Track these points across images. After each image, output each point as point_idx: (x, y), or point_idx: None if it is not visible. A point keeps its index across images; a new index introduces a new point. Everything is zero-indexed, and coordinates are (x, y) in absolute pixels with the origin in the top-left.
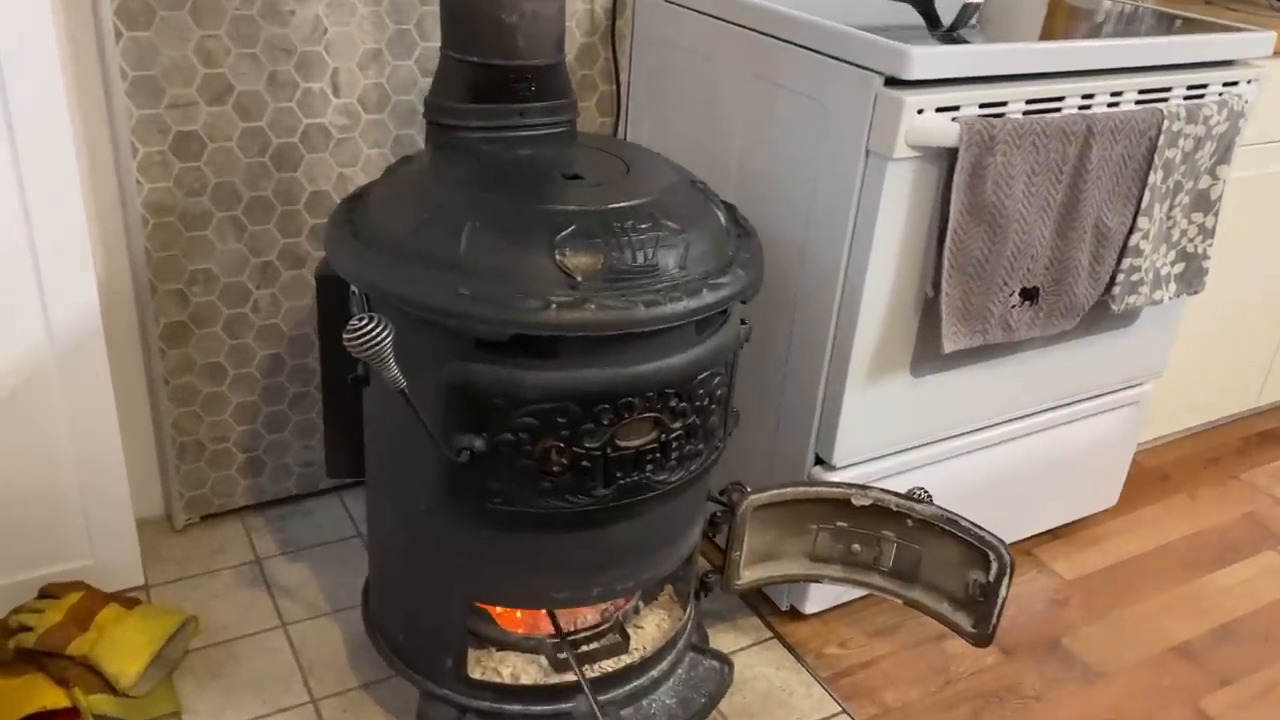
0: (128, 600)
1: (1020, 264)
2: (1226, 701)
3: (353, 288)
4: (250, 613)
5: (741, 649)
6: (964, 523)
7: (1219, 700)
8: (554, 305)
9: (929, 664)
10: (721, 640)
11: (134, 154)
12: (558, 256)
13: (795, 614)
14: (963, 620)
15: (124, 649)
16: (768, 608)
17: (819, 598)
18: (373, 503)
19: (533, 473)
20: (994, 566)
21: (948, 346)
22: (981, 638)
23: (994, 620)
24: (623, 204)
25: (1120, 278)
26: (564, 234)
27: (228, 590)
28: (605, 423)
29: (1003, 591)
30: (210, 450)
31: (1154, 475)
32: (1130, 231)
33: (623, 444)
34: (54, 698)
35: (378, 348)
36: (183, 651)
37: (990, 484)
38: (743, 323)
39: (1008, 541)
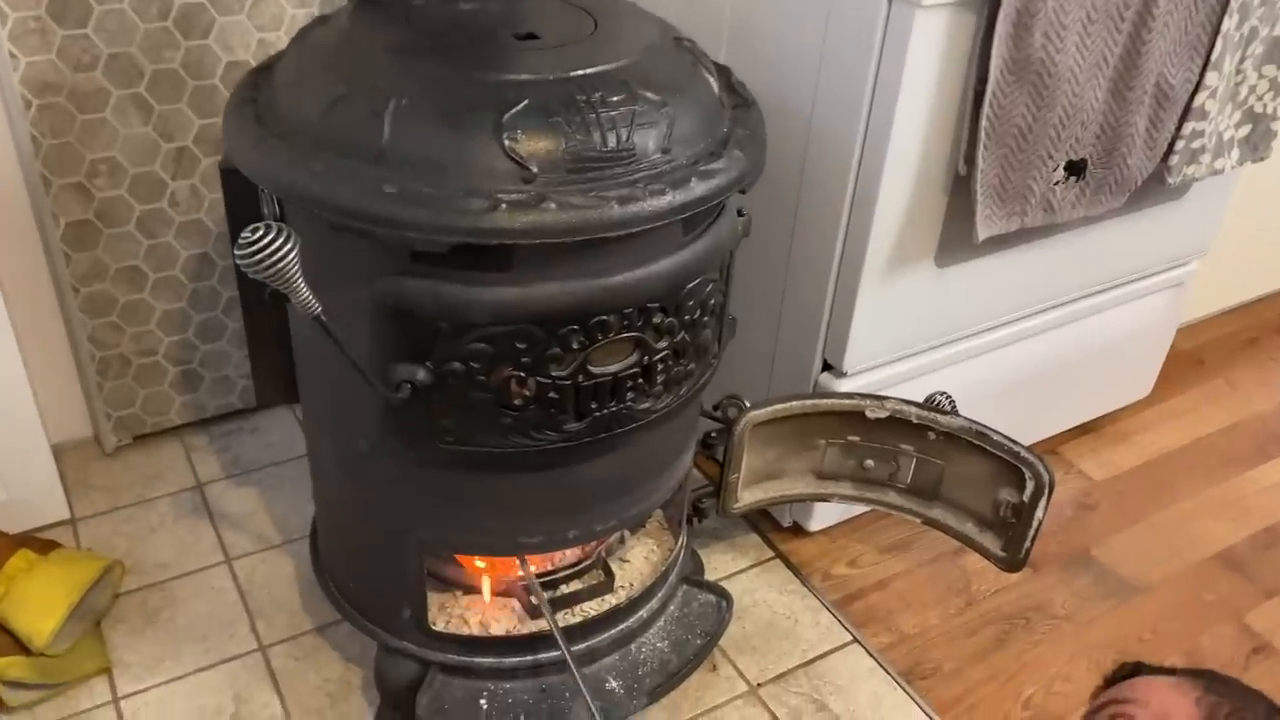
0: (43, 544)
1: (1069, 132)
2: (1273, 615)
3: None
4: (191, 547)
5: (740, 571)
6: (996, 436)
7: (1266, 614)
8: (503, 205)
9: (948, 583)
10: (718, 562)
11: (3, 21)
12: (507, 141)
13: (799, 531)
14: (990, 542)
15: (36, 604)
16: (769, 524)
17: (825, 514)
18: (309, 437)
19: (490, 407)
20: (1029, 485)
21: (982, 232)
22: (1012, 562)
23: (1028, 544)
24: (589, 70)
25: (1180, 145)
26: (514, 111)
27: (165, 521)
28: (575, 346)
29: (1039, 513)
30: (136, 365)
31: (1188, 360)
32: (1196, 90)
33: (597, 370)
34: None
35: (278, 267)
36: (111, 598)
37: (1015, 381)
38: (740, 214)
39: (1031, 441)
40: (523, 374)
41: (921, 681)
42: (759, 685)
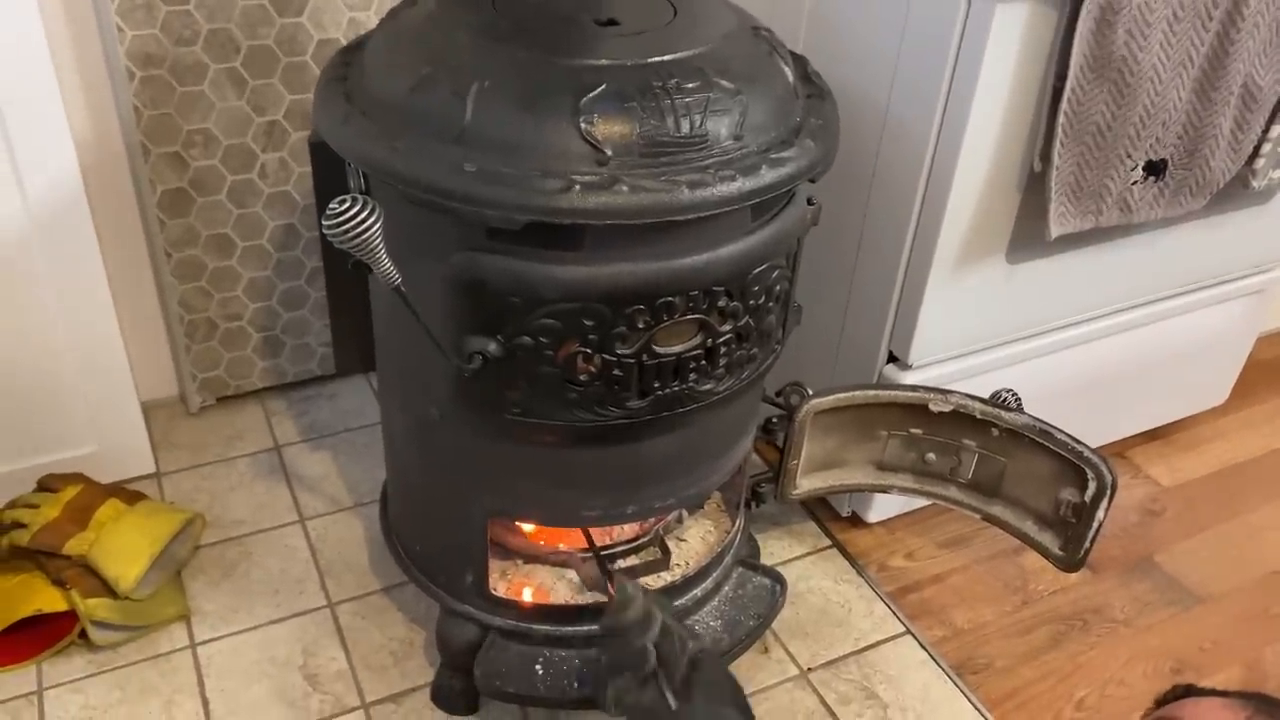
0: (130, 495)
1: (1149, 131)
2: None
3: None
4: (267, 506)
5: (797, 558)
6: (1060, 435)
7: None
8: (578, 186)
9: (1004, 581)
10: (774, 548)
11: None
12: (583, 124)
13: (857, 521)
14: (1049, 541)
15: (123, 550)
16: (827, 513)
17: (884, 505)
18: (384, 404)
19: (556, 381)
20: (1091, 485)
21: (1055, 230)
22: (1071, 562)
23: (1087, 545)
24: (666, 57)
25: (1266, 148)
26: (591, 96)
27: (244, 480)
28: (640, 326)
29: (1100, 514)
30: (223, 329)
31: (1269, 369)
32: None
33: (661, 350)
34: (50, 600)
35: (362, 238)
36: (191, 549)
37: (1085, 382)
38: (810, 202)
39: (1099, 444)
40: (589, 351)
41: (973, 676)
42: (809, 670)
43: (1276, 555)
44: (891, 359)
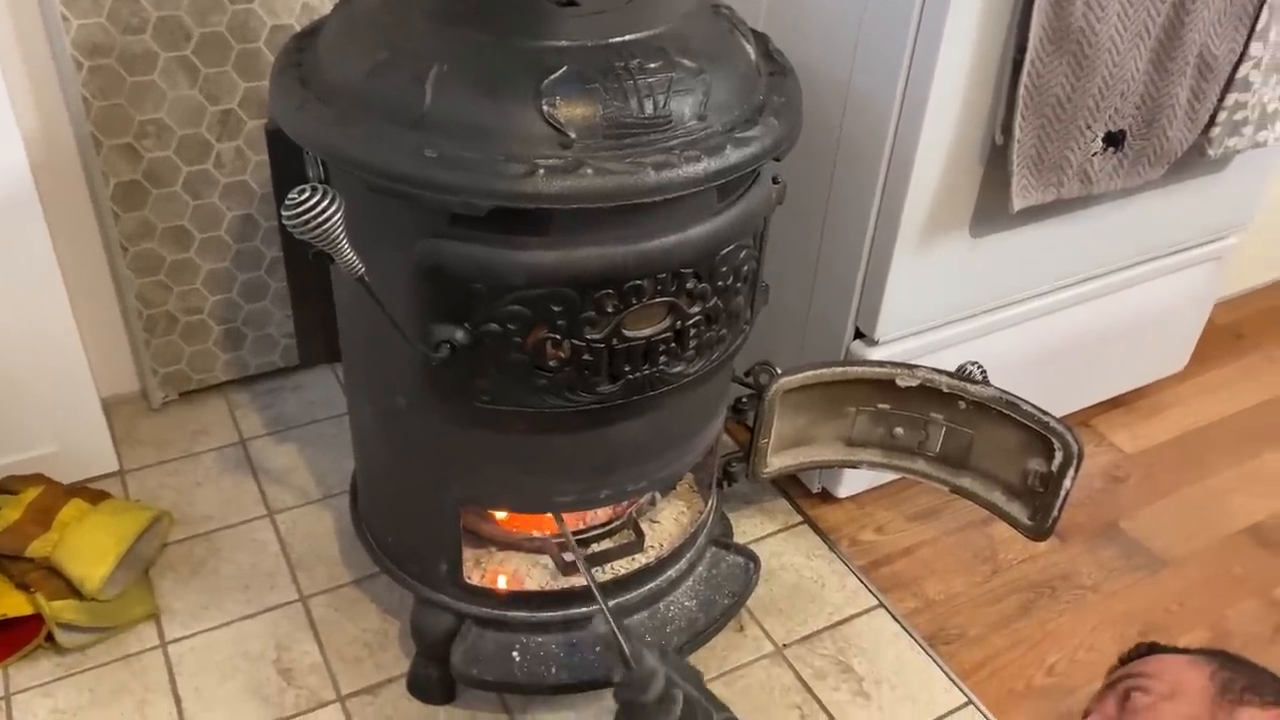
0: (94, 494)
1: (1108, 103)
2: None
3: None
4: (235, 500)
5: (768, 535)
6: (1026, 406)
7: None
8: (542, 170)
9: (974, 551)
10: (746, 526)
11: None
12: (545, 107)
13: (827, 497)
14: (1018, 511)
15: (88, 550)
16: (797, 490)
17: (853, 480)
18: (350, 395)
19: (525, 368)
20: (1058, 455)
21: (1018, 203)
22: (1039, 531)
23: (1055, 513)
24: (627, 37)
25: (1222, 116)
26: (553, 78)
27: (210, 475)
28: (609, 310)
29: (1067, 483)
30: (183, 322)
31: (1227, 334)
32: (1240, 60)
33: (631, 334)
34: (15, 604)
35: (323, 228)
36: (159, 547)
37: (1048, 353)
38: (775, 181)
39: (1064, 413)
40: (558, 336)
41: (945, 646)
42: (785, 646)
43: (1238, 517)
44: (858, 335)
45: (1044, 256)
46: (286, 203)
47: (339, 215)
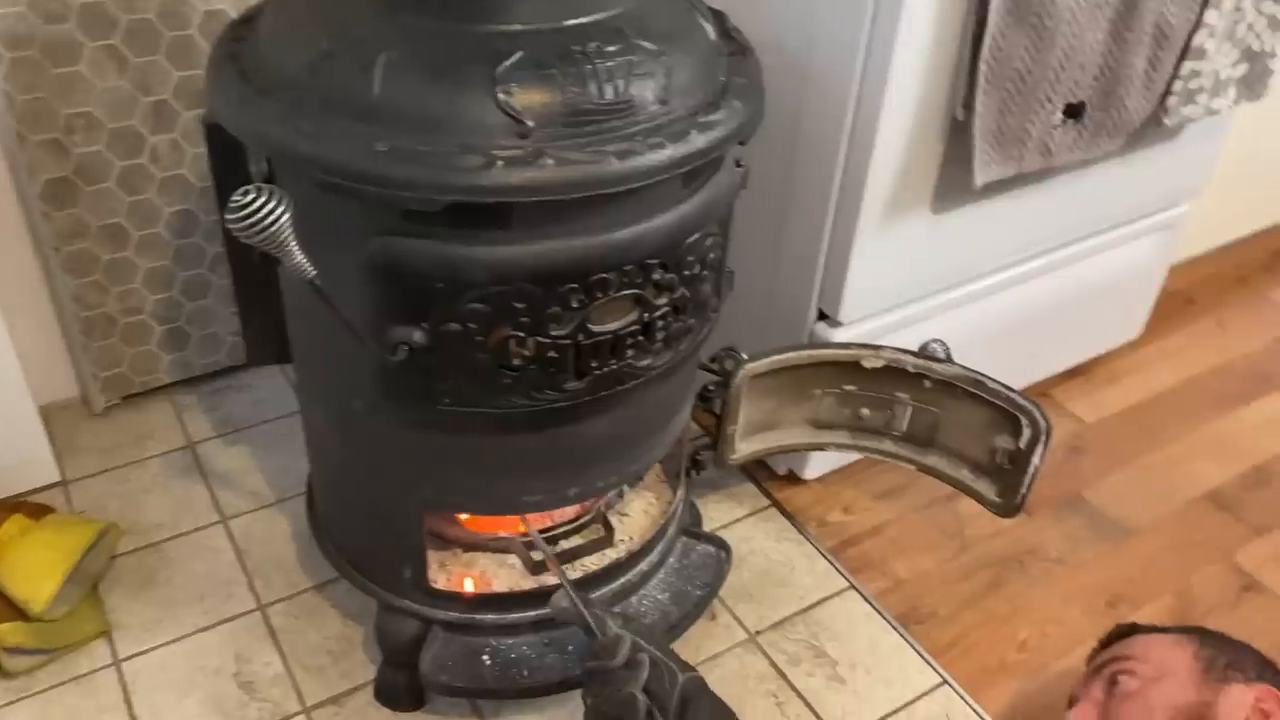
0: (35, 508)
1: (1068, 74)
2: (1262, 553)
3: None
4: (186, 507)
5: (737, 520)
6: (992, 384)
7: (1254, 552)
8: (500, 162)
9: (941, 528)
10: (714, 512)
11: None
12: (501, 95)
13: (794, 478)
14: (986, 488)
15: (33, 569)
16: (763, 473)
17: (820, 461)
18: (303, 398)
19: (488, 368)
20: (1026, 432)
21: (980, 178)
22: (1008, 508)
23: (1024, 490)
24: (583, 19)
25: (1178, 86)
26: (508, 64)
27: (158, 482)
28: (574, 305)
29: (1036, 460)
30: (122, 324)
31: (1178, 300)
32: (1195, 28)
33: (597, 329)
34: None
35: (271, 231)
36: (107, 560)
37: (1007, 326)
38: (738, 164)
39: (1023, 385)
40: (521, 334)
41: (917, 626)
42: (758, 633)
43: (1197, 483)
44: (821, 317)
45: (1003, 231)
46: (230, 206)
47: (287, 217)
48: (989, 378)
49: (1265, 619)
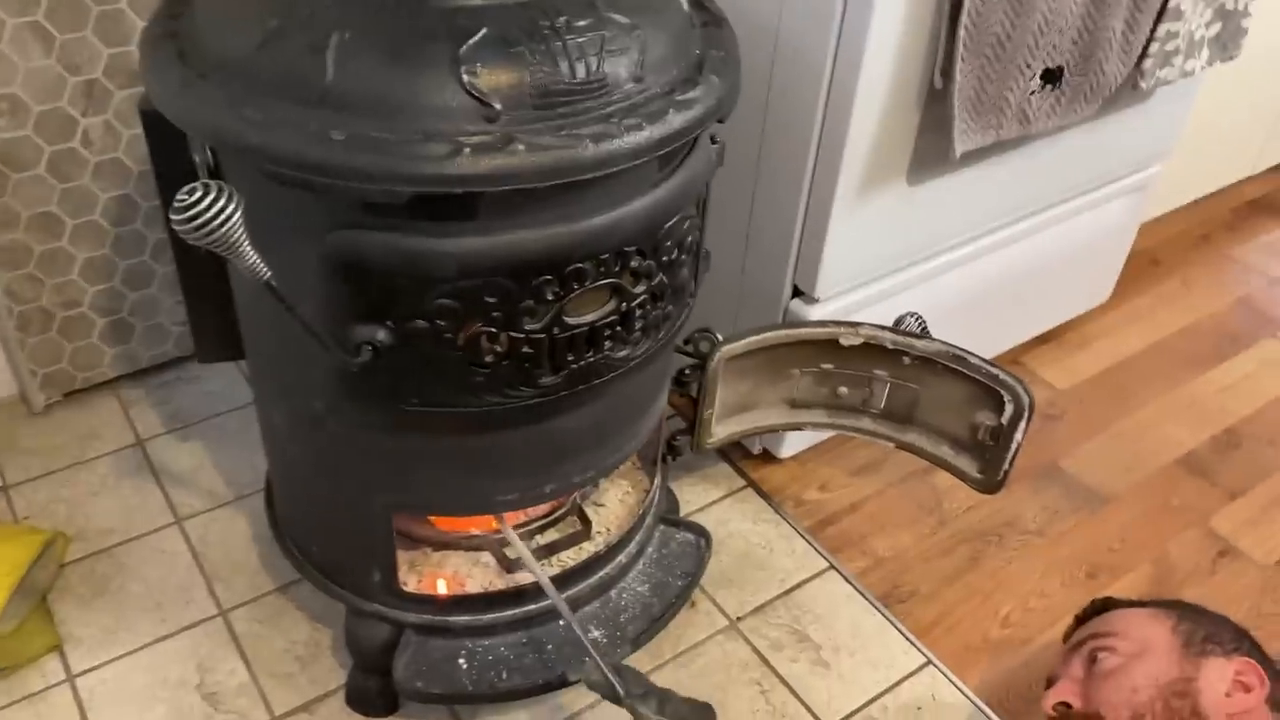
0: None
1: (1047, 39)
2: (1238, 518)
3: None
4: (137, 509)
5: (713, 503)
6: (973, 359)
7: (1229, 517)
8: (467, 149)
9: (919, 503)
10: (690, 494)
11: None
12: (466, 76)
13: (769, 457)
14: (967, 465)
15: None
16: (738, 453)
17: (794, 439)
18: (259, 397)
19: (459, 366)
20: (1008, 408)
21: (959, 147)
22: (990, 484)
23: (1006, 466)
24: None
25: (1154, 48)
26: (472, 42)
27: (107, 483)
28: (549, 297)
29: (1018, 436)
30: (60, 317)
31: (1144, 260)
32: None
33: (573, 321)
34: None
35: (221, 232)
36: (55, 570)
37: (980, 295)
38: (714, 141)
39: (996, 353)
40: (494, 329)
41: (900, 605)
42: (739, 619)
43: (1170, 448)
44: (797, 293)
45: (978, 199)
46: (175, 206)
47: (238, 216)
48: (969, 353)
49: (1241, 585)
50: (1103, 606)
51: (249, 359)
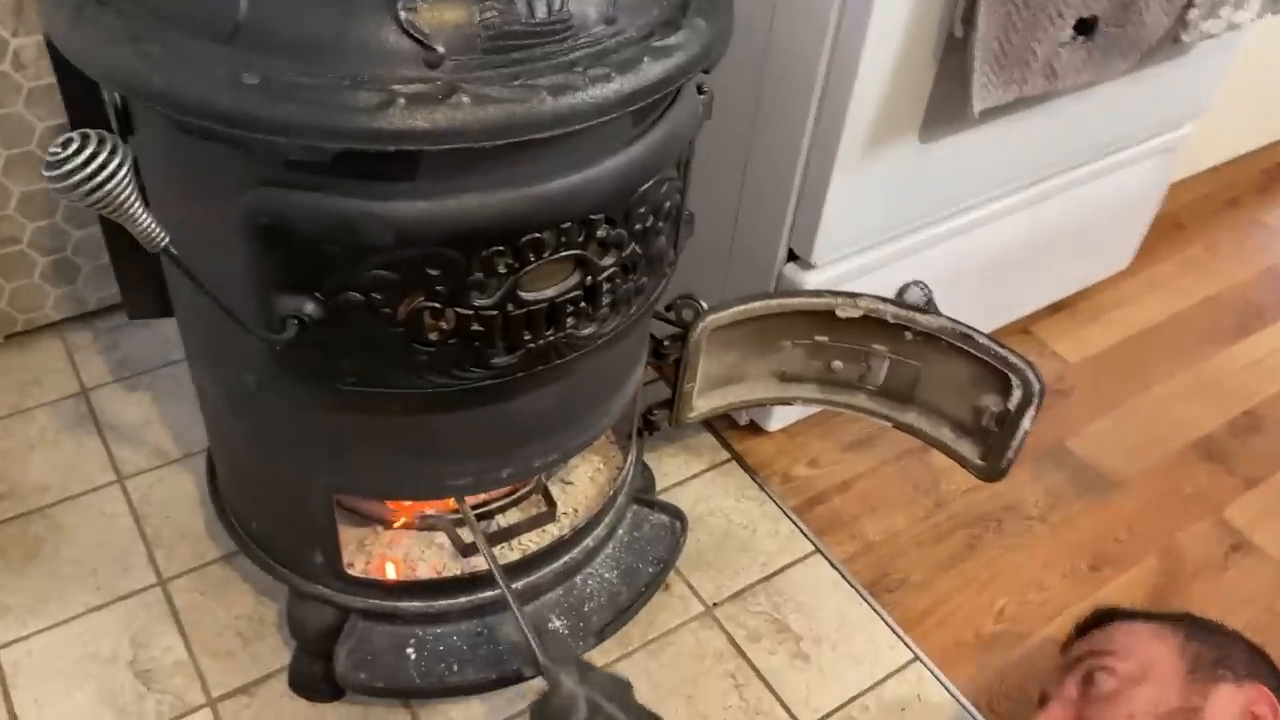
0: None
1: None
2: (1253, 509)
3: None
4: (76, 465)
5: (693, 476)
6: (981, 338)
7: (1245, 507)
8: (401, 100)
9: (914, 483)
10: (669, 466)
11: None
12: (403, 12)
13: (756, 429)
14: (968, 450)
15: None
16: (723, 423)
17: (785, 412)
18: (191, 364)
19: (399, 343)
20: (1016, 393)
21: (978, 104)
22: (992, 472)
23: (1010, 455)
24: None
25: None
26: None
27: (45, 435)
28: (501, 271)
29: (1025, 423)
30: None
31: (1168, 224)
32: None
33: (530, 296)
34: None
35: (104, 191)
36: None
37: (989, 263)
38: (701, 91)
39: (1003, 323)
40: (437, 305)
41: (888, 595)
42: (715, 605)
43: (1185, 430)
44: (792, 257)
45: (996, 160)
46: (48, 160)
47: (124, 173)
48: (978, 331)
49: (1255, 582)
50: (1105, 617)
51: (178, 321)
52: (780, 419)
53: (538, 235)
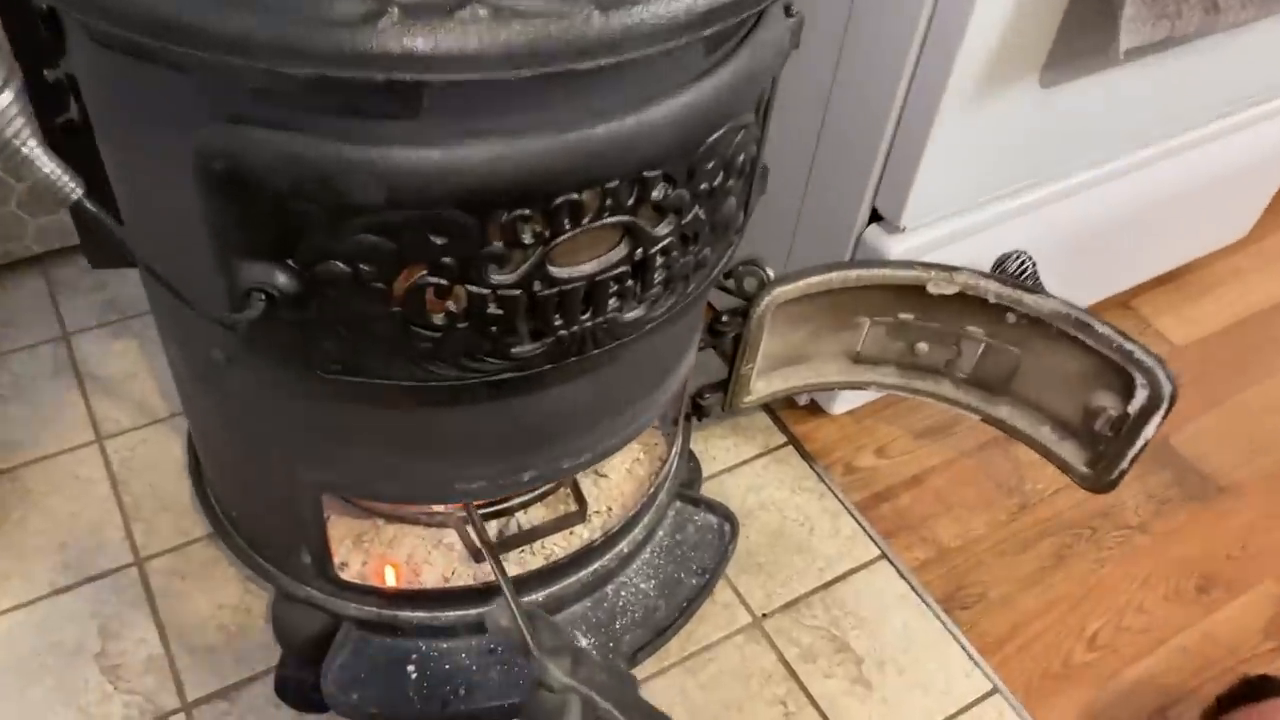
0: None
1: None
2: None
3: None
4: (51, 421)
5: (744, 462)
6: (1101, 327)
7: None
8: (394, 10)
9: (997, 480)
10: (717, 450)
11: None
12: None
13: (817, 410)
14: (1071, 454)
15: None
16: (781, 401)
17: (852, 394)
18: (159, 327)
19: (395, 325)
20: (1140, 394)
21: (1126, 42)
22: (1100, 483)
23: (1124, 465)
24: None
25: None
26: None
27: (20, 385)
28: (527, 240)
29: (1149, 431)
30: None
31: None
32: None
33: (563, 273)
34: None
35: None
36: None
37: (1093, 229)
38: (788, 12)
39: (1101, 297)
40: (443, 281)
41: (964, 612)
42: (764, 616)
43: None
44: (875, 218)
45: (1125, 111)
46: None
47: (18, 112)
48: (1098, 319)
49: None
50: (1258, 689)
51: (141, 277)
52: (846, 401)
53: (575, 196)
